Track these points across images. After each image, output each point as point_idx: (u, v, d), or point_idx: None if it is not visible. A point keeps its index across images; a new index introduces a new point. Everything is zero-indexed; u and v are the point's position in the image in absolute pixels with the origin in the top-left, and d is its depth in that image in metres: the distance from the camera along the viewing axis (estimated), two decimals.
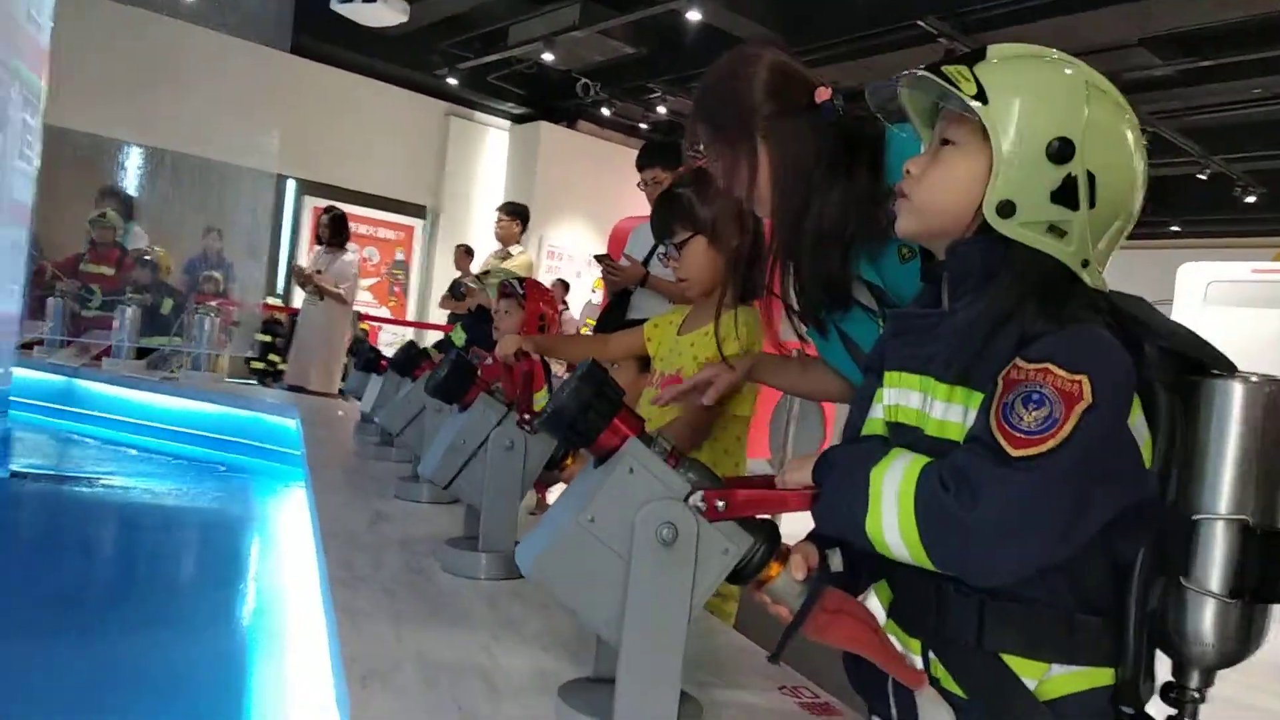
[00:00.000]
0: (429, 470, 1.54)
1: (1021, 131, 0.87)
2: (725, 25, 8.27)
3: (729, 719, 1.04)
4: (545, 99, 11.27)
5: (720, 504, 0.87)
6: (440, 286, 9.66)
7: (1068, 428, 0.79)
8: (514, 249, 5.82)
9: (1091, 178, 0.86)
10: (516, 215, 5.68)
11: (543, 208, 10.46)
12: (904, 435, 0.92)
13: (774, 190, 1.32)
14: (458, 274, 8.23)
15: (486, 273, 4.23)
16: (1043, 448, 0.79)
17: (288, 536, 2.89)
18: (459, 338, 3.35)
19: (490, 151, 11.57)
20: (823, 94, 1.32)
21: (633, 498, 0.87)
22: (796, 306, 1.41)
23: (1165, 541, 0.86)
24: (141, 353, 4.96)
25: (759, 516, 0.92)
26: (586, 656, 1.05)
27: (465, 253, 8.60)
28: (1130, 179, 0.89)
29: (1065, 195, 0.86)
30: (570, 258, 10.95)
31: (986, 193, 0.88)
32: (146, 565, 3.03)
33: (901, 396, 0.94)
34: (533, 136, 11.28)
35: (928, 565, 0.83)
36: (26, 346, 4.86)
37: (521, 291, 3.15)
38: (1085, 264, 0.88)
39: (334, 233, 6.15)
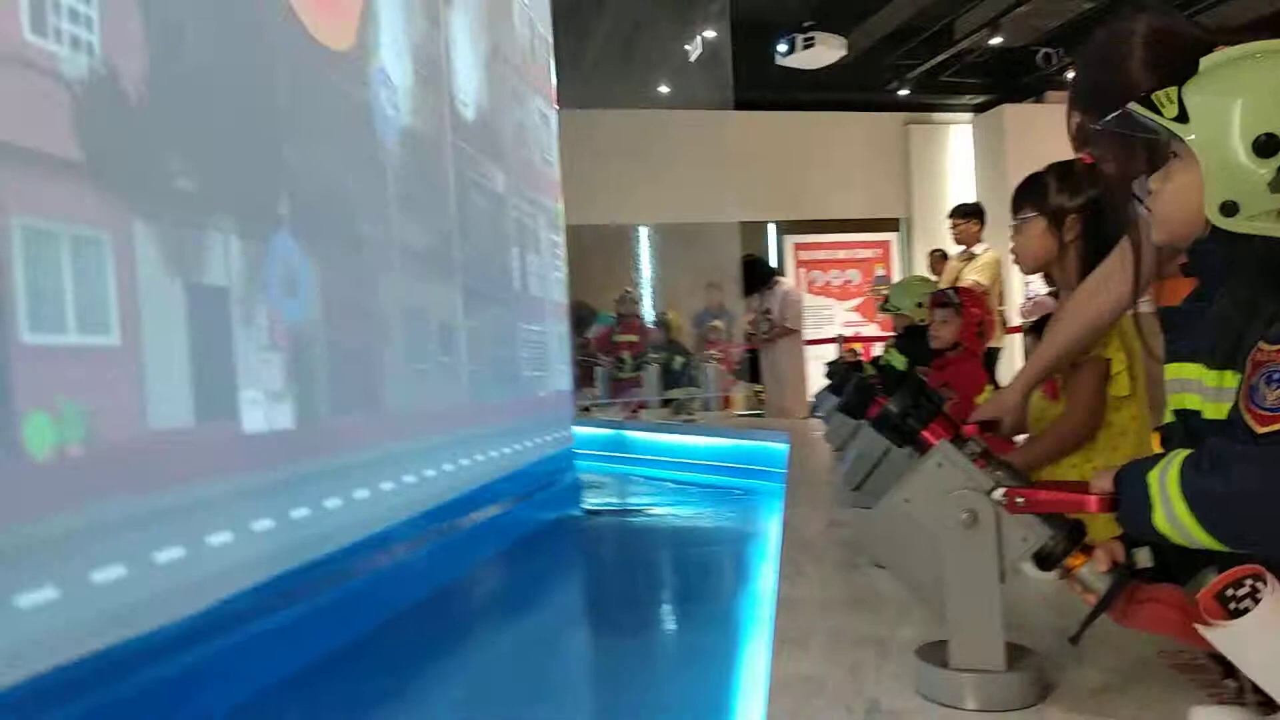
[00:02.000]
0: (844, 474, 1.83)
1: (1224, 138, 0.93)
2: None
3: (1103, 679, 1.17)
4: (1004, 81, 10.83)
5: (1020, 500, 1.03)
6: None
7: None
8: (977, 249, 5.79)
9: None
10: (970, 215, 5.67)
11: None
12: (1188, 420, 1.01)
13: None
14: (933, 278, 8.29)
15: (886, 297, 4.24)
16: None
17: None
18: (898, 360, 3.51)
19: (955, 148, 11.39)
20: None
21: (941, 486, 1.09)
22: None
23: None
24: (666, 402, 5.95)
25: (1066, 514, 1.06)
26: None
27: (940, 257, 8.60)
28: None
29: None
30: None
31: (1205, 200, 0.95)
32: (685, 574, 3.70)
33: (1182, 385, 1.03)
34: (996, 122, 10.88)
35: (1221, 547, 0.91)
36: (585, 409, 6.12)
37: (958, 300, 3.25)
38: None
39: (759, 278, 6.61)
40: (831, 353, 7.24)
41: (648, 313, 7.75)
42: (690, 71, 8.41)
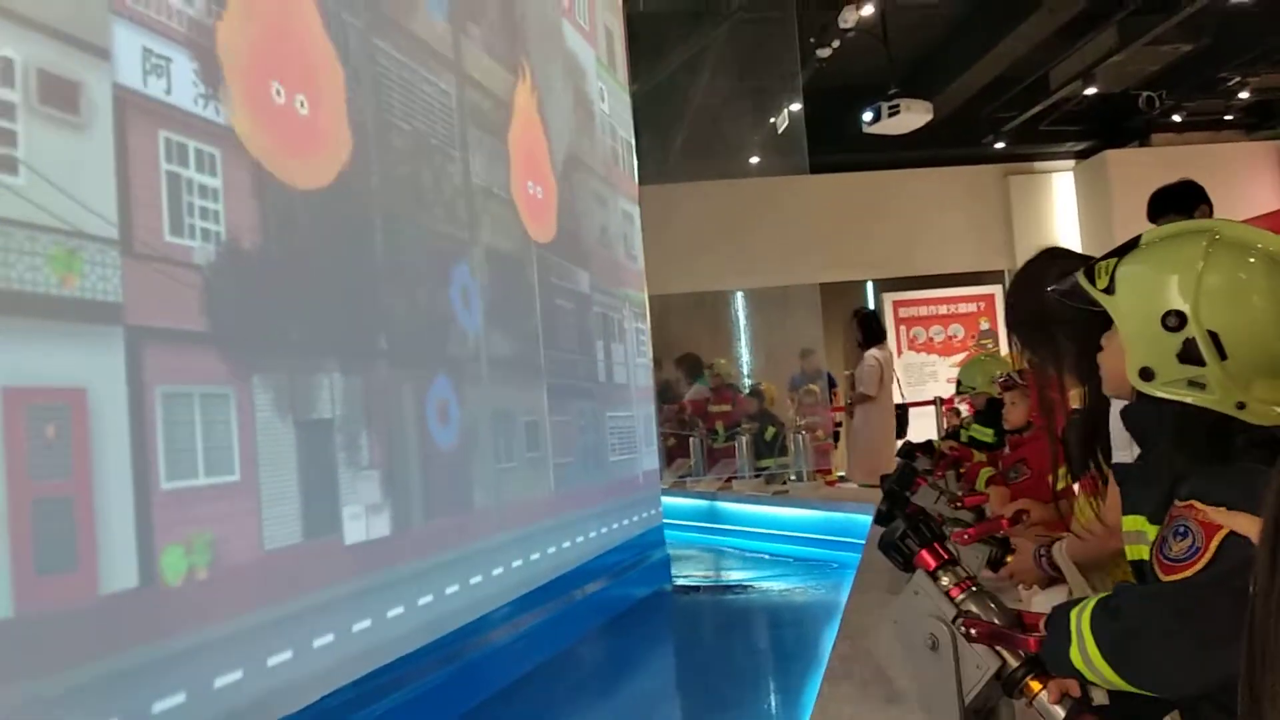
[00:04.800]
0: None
1: (1139, 310, 1.04)
2: None
3: None
4: (1106, 127, 10.65)
5: (973, 631, 1.15)
6: None
7: (1209, 554, 0.91)
8: None
9: (1215, 335, 0.99)
10: None
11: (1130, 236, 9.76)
12: (1141, 568, 1.11)
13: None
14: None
15: (959, 380, 4.01)
16: (1187, 573, 0.93)
17: None
18: (983, 435, 3.53)
19: (1059, 196, 11.20)
20: None
21: (917, 611, 1.25)
22: None
23: None
24: (760, 472, 6.06)
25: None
26: None
27: None
28: (1267, 324, 0.99)
29: (1190, 355, 1.01)
30: None
31: (1127, 364, 1.06)
32: (778, 654, 3.80)
33: (1135, 537, 1.12)
34: (1099, 168, 10.67)
35: (1125, 686, 0.98)
36: (681, 480, 6.28)
37: (1023, 382, 3.30)
38: (1242, 405, 0.99)
39: (865, 334, 6.27)
40: (930, 416, 7.16)
41: (744, 382, 7.86)
42: (777, 142, 8.62)
